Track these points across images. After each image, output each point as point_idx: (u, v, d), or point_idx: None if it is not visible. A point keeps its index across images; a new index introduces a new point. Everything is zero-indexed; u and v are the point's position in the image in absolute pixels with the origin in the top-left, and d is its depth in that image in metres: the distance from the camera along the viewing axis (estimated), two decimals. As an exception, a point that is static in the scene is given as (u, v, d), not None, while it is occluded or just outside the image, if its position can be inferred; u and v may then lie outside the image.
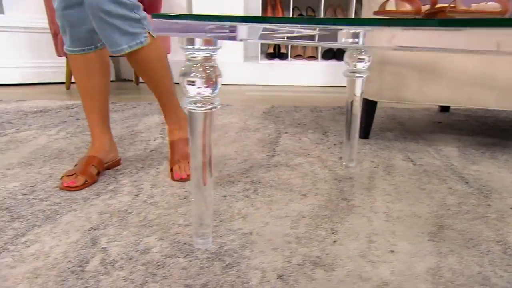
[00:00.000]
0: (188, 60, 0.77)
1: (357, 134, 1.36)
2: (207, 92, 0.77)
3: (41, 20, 2.91)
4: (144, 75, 1.21)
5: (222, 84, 3.18)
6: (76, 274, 0.78)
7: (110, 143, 1.31)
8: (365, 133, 1.74)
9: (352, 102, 1.32)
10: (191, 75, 0.76)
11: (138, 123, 1.92)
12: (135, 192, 1.16)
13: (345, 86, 0.90)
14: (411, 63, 1.51)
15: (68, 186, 1.15)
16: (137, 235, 0.92)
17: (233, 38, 0.71)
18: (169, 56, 2.92)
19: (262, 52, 3.48)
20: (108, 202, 1.08)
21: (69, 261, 0.82)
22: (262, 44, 3.62)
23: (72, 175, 1.18)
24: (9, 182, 1.20)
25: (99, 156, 1.26)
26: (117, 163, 1.34)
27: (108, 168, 1.30)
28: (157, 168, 1.34)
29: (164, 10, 3.09)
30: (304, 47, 3.60)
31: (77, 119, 1.98)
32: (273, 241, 0.91)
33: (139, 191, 1.16)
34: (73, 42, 1.17)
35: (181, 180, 1.22)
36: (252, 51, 3.72)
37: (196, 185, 0.84)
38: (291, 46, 3.47)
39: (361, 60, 1.24)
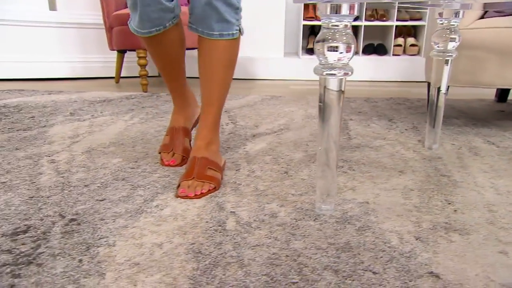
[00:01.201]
0: (327, 28, 0.80)
1: (441, 120, 1.38)
2: (347, 57, 0.80)
3: (91, 16, 2.99)
4: (209, 71, 1.08)
5: (265, 79, 3.22)
6: (220, 232, 0.81)
7: (193, 103, 1.31)
8: (434, 119, 1.75)
9: (439, 88, 1.34)
10: (334, 41, 0.79)
11: (204, 111, 1.97)
12: (235, 167, 1.19)
13: (389, 81, 0.86)
14: (490, 46, 1.52)
15: (168, 165, 1.19)
16: (257, 202, 0.96)
17: None
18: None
19: (302, 48, 3.50)
20: (214, 175, 1.12)
21: (207, 222, 0.86)
22: (302, 39, 3.64)
23: (169, 152, 1.22)
24: (112, 158, 1.25)
25: (187, 125, 1.28)
26: (198, 120, 1.30)
27: (194, 126, 1.33)
28: (244, 148, 1.38)
29: None
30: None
31: (143, 107, 2.03)
32: (393, 209, 0.93)
33: (237, 167, 1.20)
34: (141, 22, 1.04)
35: (187, 197, 0.98)
36: (292, 47, 3.75)
37: (325, 163, 0.87)
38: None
39: (452, 40, 1.25)
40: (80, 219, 0.86)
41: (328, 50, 0.80)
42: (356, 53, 3.50)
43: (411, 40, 3.33)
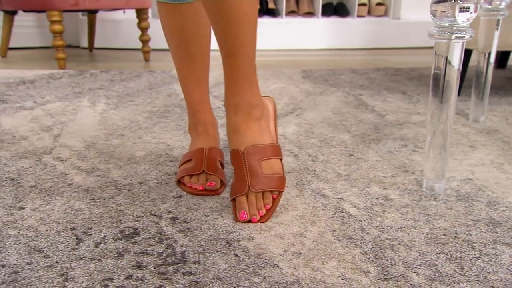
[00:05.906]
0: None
1: (488, 91, 1.66)
2: (473, 18, 1.00)
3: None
4: (224, 9, 0.92)
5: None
6: (350, 218, 0.97)
7: (217, 124, 1.26)
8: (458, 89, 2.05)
9: (489, 54, 1.61)
10: (466, 1, 0.98)
11: (175, 92, 2.05)
12: (289, 154, 1.34)
13: (353, 49, 0.88)
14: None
15: (204, 190, 1.07)
16: (355, 187, 1.13)
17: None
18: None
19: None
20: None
21: (323, 210, 1.01)
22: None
23: (199, 173, 1.10)
24: (132, 151, 1.31)
25: (218, 146, 1.21)
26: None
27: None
28: (275, 132, 1.53)
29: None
30: (297, 2, 3.86)
31: (89, 89, 2.05)
32: (502, 183, 1.17)
33: (290, 152, 1.34)
34: None
35: (250, 222, 0.95)
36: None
37: (442, 146, 1.07)
38: (285, 0, 3.69)
39: (506, -5, 1.53)
40: (181, 216, 0.95)
41: (460, 11, 0.99)
42: (314, 15, 3.77)
43: (377, -2, 3.67)
